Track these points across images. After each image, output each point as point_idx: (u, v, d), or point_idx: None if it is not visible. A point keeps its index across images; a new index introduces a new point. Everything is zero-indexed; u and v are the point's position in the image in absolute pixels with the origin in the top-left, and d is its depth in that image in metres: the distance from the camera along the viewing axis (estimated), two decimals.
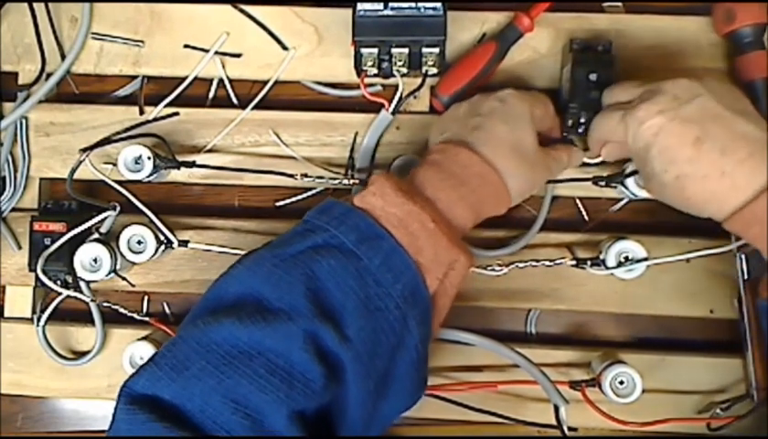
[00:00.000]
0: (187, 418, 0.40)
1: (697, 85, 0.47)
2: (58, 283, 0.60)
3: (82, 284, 0.61)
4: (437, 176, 0.49)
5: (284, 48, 0.63)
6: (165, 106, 0.63)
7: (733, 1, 0.58)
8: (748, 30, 0.58)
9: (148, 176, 0.59)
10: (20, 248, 0.63)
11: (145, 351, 0.60)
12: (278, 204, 0.65)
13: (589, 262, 0.58)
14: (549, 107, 0.56)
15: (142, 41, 0.63)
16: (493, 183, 0.50)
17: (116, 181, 0.60)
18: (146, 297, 0.67)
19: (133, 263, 0.61)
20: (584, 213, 0.64)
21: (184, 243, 0.60)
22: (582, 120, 0.55)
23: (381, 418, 0.47)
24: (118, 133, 0.63)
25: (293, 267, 0.45)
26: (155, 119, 0.63)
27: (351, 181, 0.61)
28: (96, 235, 0.59)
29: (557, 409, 0.55)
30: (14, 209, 0.64)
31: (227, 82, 0.64)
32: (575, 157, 0.57)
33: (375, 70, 0.58)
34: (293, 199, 0.65)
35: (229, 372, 0.41)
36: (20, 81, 0.64)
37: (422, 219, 0.46)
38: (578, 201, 0.64)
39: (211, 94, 0.66)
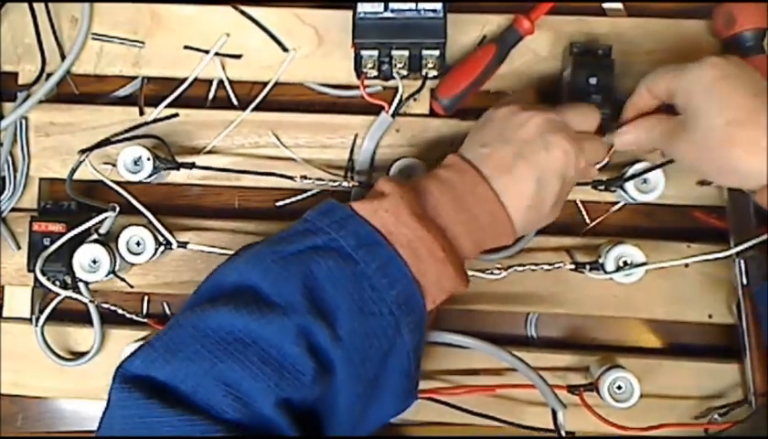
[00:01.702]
0: (180, 398, 0.41)
1: None
2: (57, 283, 0.60)
3: (81, 285, 0.61)
4: (451, 205, 0.49)
5: (284, 49, 0.63)
6: (165, 107, 0.63)
7: (734, 3, 0.58)
8: (748, 34, 0.58)
9: (147, 177, 0.59)
10: (19, 248, 0.63)
11: None
12: (278, 203, 0.65)
13: (588, 267, 0.58)
14: (600, 153, 0.55)
15: (142, 42, 0.63)
16: (502, 223, 0.50)
17: (115, 182, 0.60)
18: (145, 298, 0.67)
19: (132, 264, 0.61)
20: (585, 216, 0.64)
21: (183, 244, 0.60)
22: None
23: (369, 422, 0.48)
24: (118, 133, 0.63)
25: (291, 265, 0.45)
26: (155, 120, 0.63)
27: (351, 183, 0.61)
28: (95, 236, 0.59)
29: (555, 413, 0.55)
30: (13, 209, 0.64)
31: (227, 83, 0.64)
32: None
33: (375, 72, 0.58)
34: (294, 199, 0.65)
35: (222, 357, 0.42)
36: (20, 81, 0.64)
37: (433, 248, 0.47)
38: (578, 203, 0.64)
39: (211, 95, 0.66)
